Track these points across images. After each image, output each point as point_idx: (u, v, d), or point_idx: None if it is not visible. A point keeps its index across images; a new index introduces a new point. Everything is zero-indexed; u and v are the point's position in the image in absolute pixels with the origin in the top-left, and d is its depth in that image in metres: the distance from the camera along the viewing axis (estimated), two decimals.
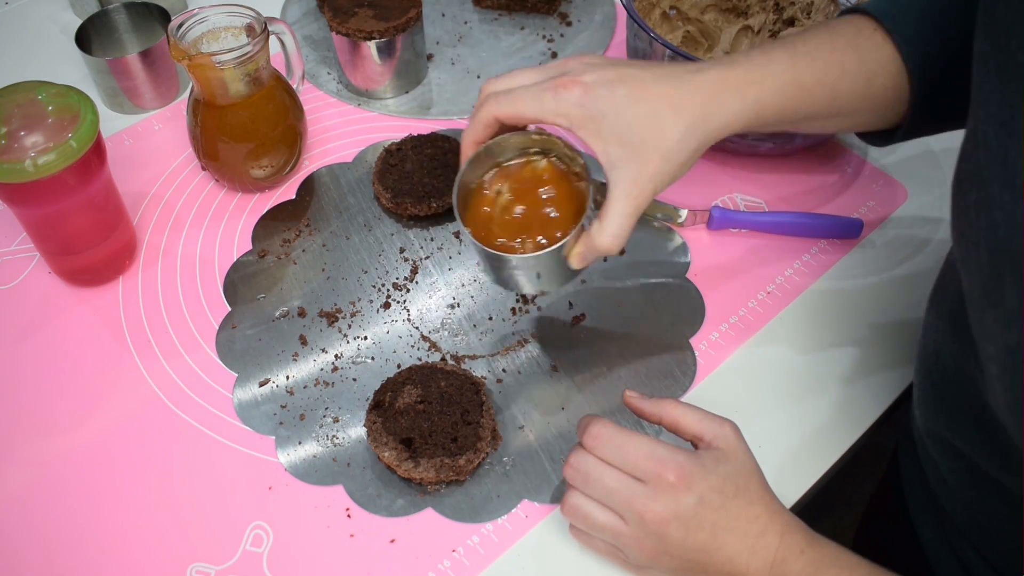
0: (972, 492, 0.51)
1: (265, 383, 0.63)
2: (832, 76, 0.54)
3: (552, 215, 0.54)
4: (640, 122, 0.49)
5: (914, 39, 0.54)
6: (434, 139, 0.75)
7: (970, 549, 0.54)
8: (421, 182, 0.71)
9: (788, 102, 0.53)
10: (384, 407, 0.57)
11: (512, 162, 0.56)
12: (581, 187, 0.54)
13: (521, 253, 0.53)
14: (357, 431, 0.60)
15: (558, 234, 0.53)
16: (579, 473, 0.50)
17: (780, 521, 0.49)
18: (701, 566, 0.49)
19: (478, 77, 0.86)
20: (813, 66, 0.53)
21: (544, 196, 0.55)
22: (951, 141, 0.79)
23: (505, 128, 0.54)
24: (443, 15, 0.93)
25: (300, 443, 0.59)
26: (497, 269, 0.55)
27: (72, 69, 0.86)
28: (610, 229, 0.50)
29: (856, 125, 0.59)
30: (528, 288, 0.58)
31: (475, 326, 0.66)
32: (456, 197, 0.54)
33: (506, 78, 0.53)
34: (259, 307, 0.67)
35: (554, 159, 0.56)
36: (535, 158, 0.56)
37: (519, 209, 0.55)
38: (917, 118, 0.57)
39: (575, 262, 0.52)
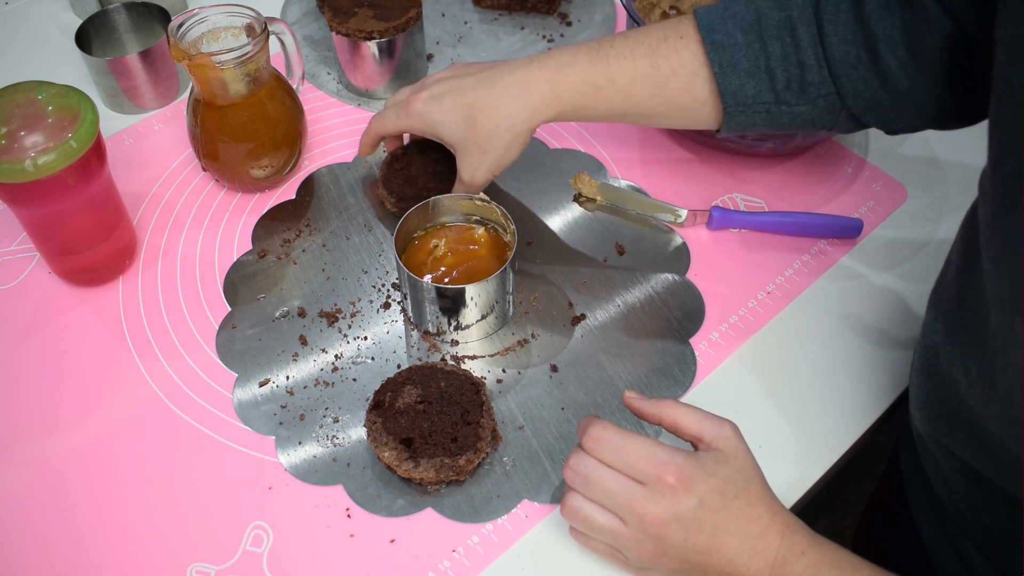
0: (974, 491, 0.51)
1: (265, 383, 0.63)
2: (624, 79, 0.60)
3: (475, 270, 0.64)
4: (460, 126, 0.63)
5: (725, 45, 0.57)
6: (439, 143, 0.74)
7: (972, 548, 0.54)
8: (426, 187, 0.71)
9: (584, 100, 0.61)
10: (384, 407, 0.57)
11: (454, 223, 0.67)
12: (506, 255, 0.64)
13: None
14: (357, 431, 0.60)
15: None
16: (579, 475, 0.50)
17: (781, 522, 0.49)
18: (701, 567, 0.49)
19: None
20: (607, 70, 0.60)
21: (473, 255, 0.66)
22: (951, 141, 0.80)
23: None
24: (443, 15, 0.93)
25: (300, 443, 0.59)
26: (416, 299, 0.63)
27: (72, 69, 0.86)
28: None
29: (671, 124, 0.64)
30: (435, 323, 0.64)
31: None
32: (396, 235, 0.63)
33: (396, 95, 0.68)
34: (259, 307, 0.67)
35: (491, 227, 0.67)
36: (475, 225, 0.67)
37: (449, 261, 0.65)
38: (738, 117, 0.60)
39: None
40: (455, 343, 0.65)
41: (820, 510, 0.66)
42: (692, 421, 0.51)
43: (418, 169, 0.72)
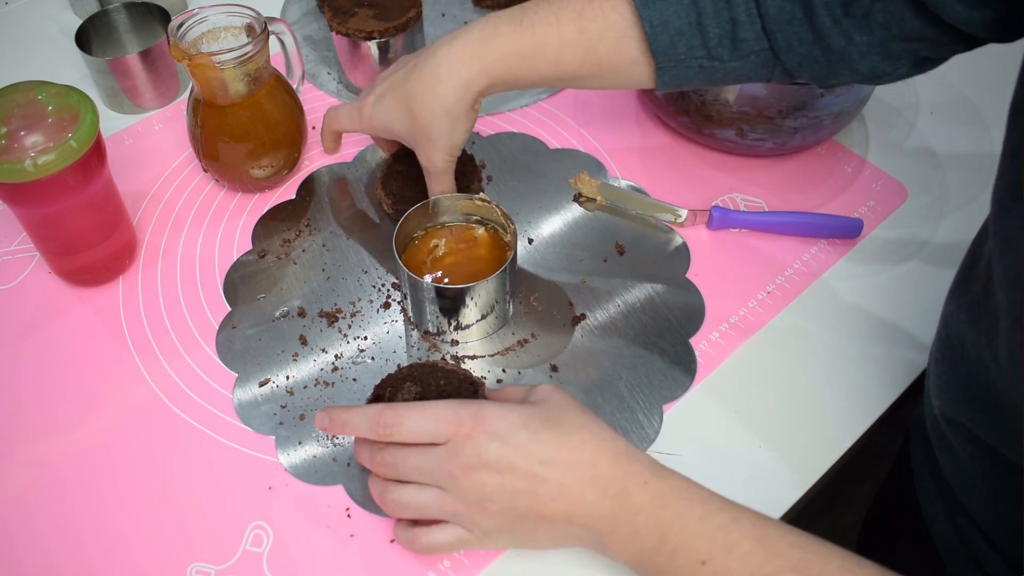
0: (991, 478, 0.51)
1: (265, 383, 0.63)
2: (552, 46, 0.59)
3: (475, 270, 0.64)
4: (405, 121, 0.63)
5: (653, 1, 0.57)
6: None
7: (982, 541, 0.53)
8: (424, 190, 0.71)
9: (513, 70, 0.60)
10: (383, 402, 0.57)
11: (455, 223, 0.67)
12: (506, 255, 0.64)
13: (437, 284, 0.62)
14: None
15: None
16: (386, 466, 0.50)
17: (611, 449, 0.47)
18: (535, 512, 0.47)
19: None
20: (534, 38, 0.59)
21: (473, 255, 0.65)
22: (952, 141, 0.80)
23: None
24: (443, 15, 0.93)
25: (300, 443, 0.59)
26: (416, 299, 0.63)
27: (72, 69, 0.86)
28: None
29: (605, 86, 0.63)
30: (435, 323, 0.64)
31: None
32: (396, 235, 0.62)
33: (337, 118, 0.69)
34: (259, 307, 0.67)
35: (491, 227, 0.66)
36: (475, 225, 0.67)
37: (449, 261, 0.65)
38: (672, 71, 0.59)
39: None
40: (455, 343, 0.65)
41: (820, 510, 0.66)
42: (509, 391, 0.53)
43: (418, 171, 0.72)
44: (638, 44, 0.58)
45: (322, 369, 0.63)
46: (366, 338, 0.65)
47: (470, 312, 0.62)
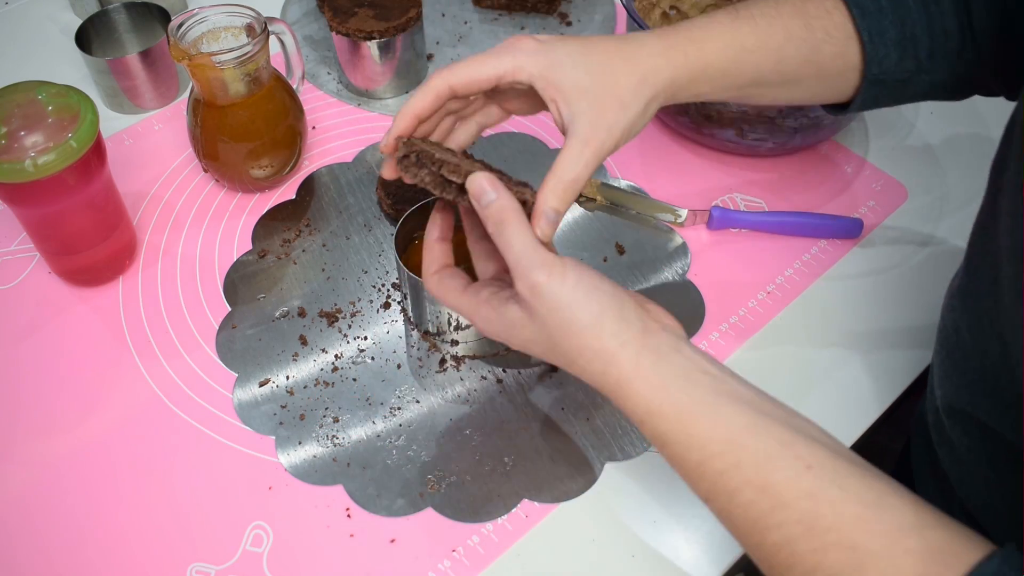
0: (989, 471, 0.51)
1: (265, 383, 0.63)
2: (776, 40, 0.54)
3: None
4: (595, 70, 0.49)
5: (871, 10, 0.55)
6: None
7: None
8: (423, 190, 0.71)
9: (731, 64, 0.53)
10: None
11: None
12: None
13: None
14: (357, 431, 0.60)
15: None
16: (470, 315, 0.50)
17: (615, 378, 0.45)
18: (562, 349, 0.46)
19: None
20: (756, 29, 0.53)
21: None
22: (952, 141, 0.80)
23: (456, 99, 0.52)
24: (443, 15, 0.93)
25: (300, 443, 0.59)
26: (416, 299, 0.62)
27: (72, 69, 0.86)
28: (567, 175, 0.47)
29: (807, 95, 0.59)
30: (435, 323, 0.63)
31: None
32: (396, 235, 0.61)
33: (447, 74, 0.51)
34: (259, 307, 0.67)
35: None
36: None
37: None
38: (873, 89, 0.57)
39: (537, 227, 0.47)
40: (455, 343, 0.64)
41: None
42: (511, 254, 0.45)
43: None
44: (857, 50, 0.55)
45: (322, 369, 0.63)
46: (366, 338, 0.65)
47: None
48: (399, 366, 0.63)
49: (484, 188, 0.46)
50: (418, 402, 0.61)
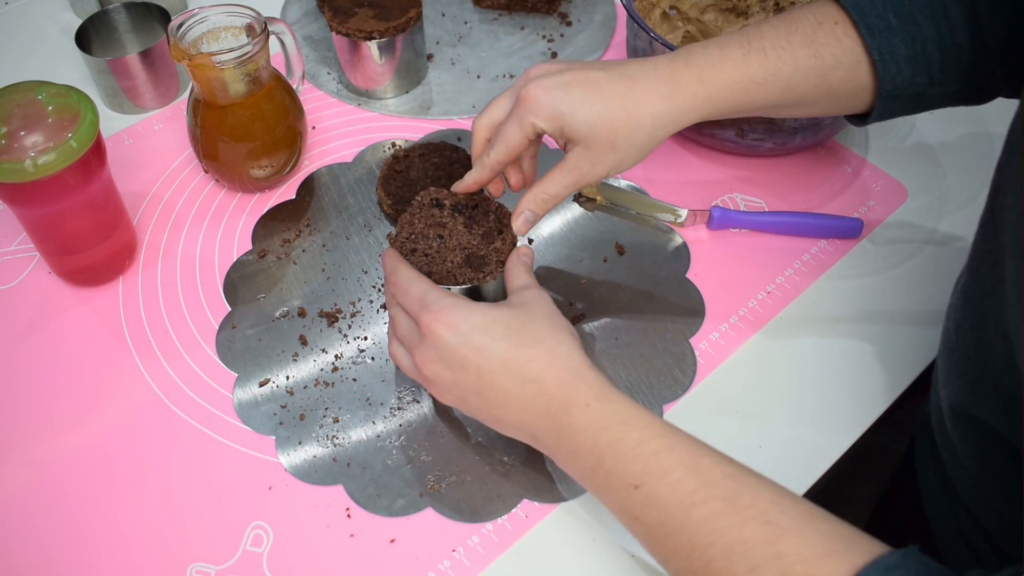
0: (992, 477, 0.51)
1: (265, 383, 0.63)
2: (786, 72, 0.56)
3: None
4: (592, 118, 0.54)
5: (880, 29, 0.55)
6: (442, 148, 0.74)
7: (983, 540, 0.54)
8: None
9: (740, 96, 0.56)
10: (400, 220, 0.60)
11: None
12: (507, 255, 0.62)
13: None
14: (357, 431, 0.60)
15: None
16: (390, 317, 0.55)
17: (560, 367, 0.48)
18: (484, 411, 0.50)
19: (478, 77, 0.86)
20: (766, 62, 0.56)
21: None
22: (952, 141, 0.80)
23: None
24: (443, 15, 0.93)
25: (300, 443, 0.59)
26: None
27: (72, 69, 0.86)
28: (548, 191, 0.56)
29: (823, 111, 0.61)
30: None
31: None
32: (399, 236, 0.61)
33: (487, 112, 0.58)
34: (259, 307, 0.67)
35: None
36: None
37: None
38: (889, 103, 0.58)
39: (515, 223, 0.57)
40: None
41: None
42: (511, 276, 0.54)
43: (418, 172, 0.72)
44: (868, 70, 0.56)
45: (322, 369, 0.63)
46: (366, 338, 0.65)
47: None
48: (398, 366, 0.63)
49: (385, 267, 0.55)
50: (418, 402, 0.61)
